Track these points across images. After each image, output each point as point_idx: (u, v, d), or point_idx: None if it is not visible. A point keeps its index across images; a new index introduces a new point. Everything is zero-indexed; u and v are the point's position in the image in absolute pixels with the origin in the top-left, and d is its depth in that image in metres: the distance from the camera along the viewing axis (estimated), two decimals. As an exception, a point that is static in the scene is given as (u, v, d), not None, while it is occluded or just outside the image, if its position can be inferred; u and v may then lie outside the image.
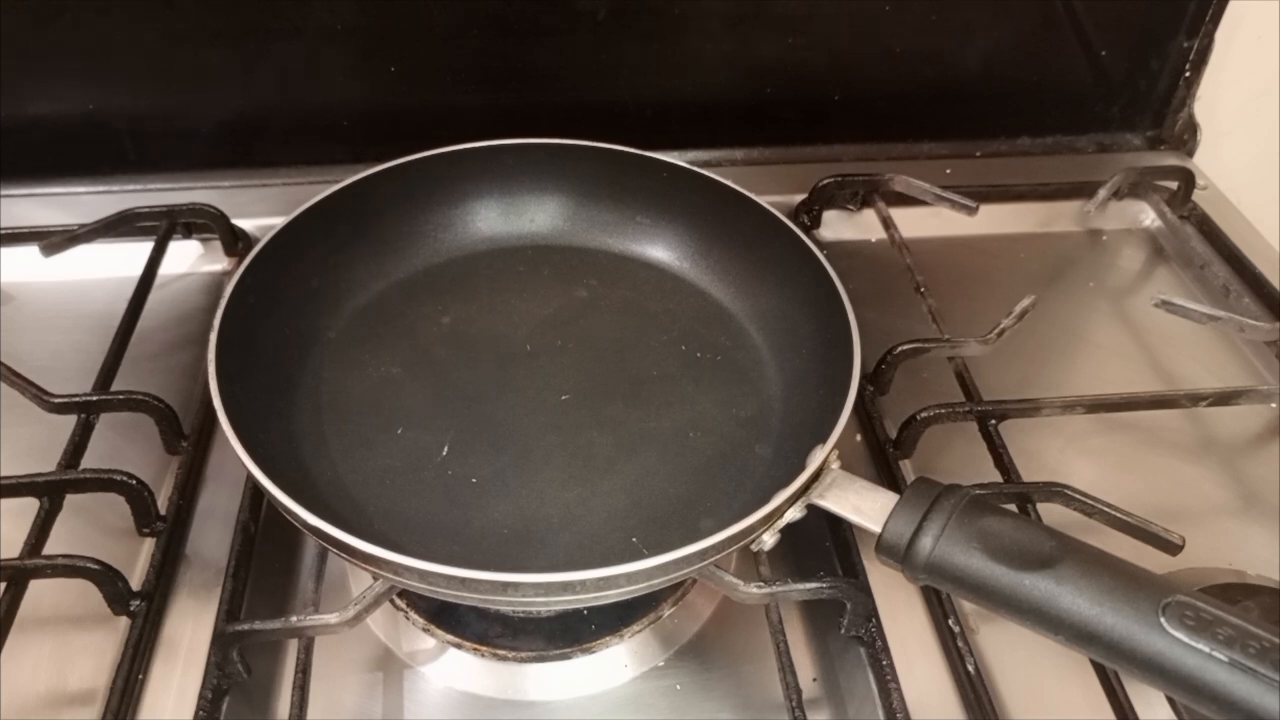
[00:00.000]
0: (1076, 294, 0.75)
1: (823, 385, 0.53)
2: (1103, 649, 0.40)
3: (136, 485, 0.54)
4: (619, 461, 0.54)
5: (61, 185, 0.76)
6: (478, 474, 0.53)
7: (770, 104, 0.81)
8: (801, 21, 0.77)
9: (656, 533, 0.51)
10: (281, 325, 0.57)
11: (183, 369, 0.64)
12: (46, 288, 0.70)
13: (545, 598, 0.45)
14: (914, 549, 0.43)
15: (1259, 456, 0.64)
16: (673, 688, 0.52)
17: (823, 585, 0.50)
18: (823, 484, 0.47)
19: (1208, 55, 0.82)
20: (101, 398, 0.59)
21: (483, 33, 0.74)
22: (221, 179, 0.76)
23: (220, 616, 0.49)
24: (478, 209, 0.66)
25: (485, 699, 0.51)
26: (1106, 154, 0.86)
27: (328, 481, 0.52)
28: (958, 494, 0.44)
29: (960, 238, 0.77)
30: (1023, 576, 0.41)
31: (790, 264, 0.59)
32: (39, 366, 0.59)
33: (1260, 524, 0.60)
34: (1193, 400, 0.62)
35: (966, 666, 0.50)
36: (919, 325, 0.66)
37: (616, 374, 0.59)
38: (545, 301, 0.63)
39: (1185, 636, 0.38)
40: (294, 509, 0.43)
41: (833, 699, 0.51)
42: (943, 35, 0.79)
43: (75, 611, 0.51)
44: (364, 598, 0.47)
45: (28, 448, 0.57)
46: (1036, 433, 0.62)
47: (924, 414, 0.59)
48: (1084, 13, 0.79)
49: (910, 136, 0.84)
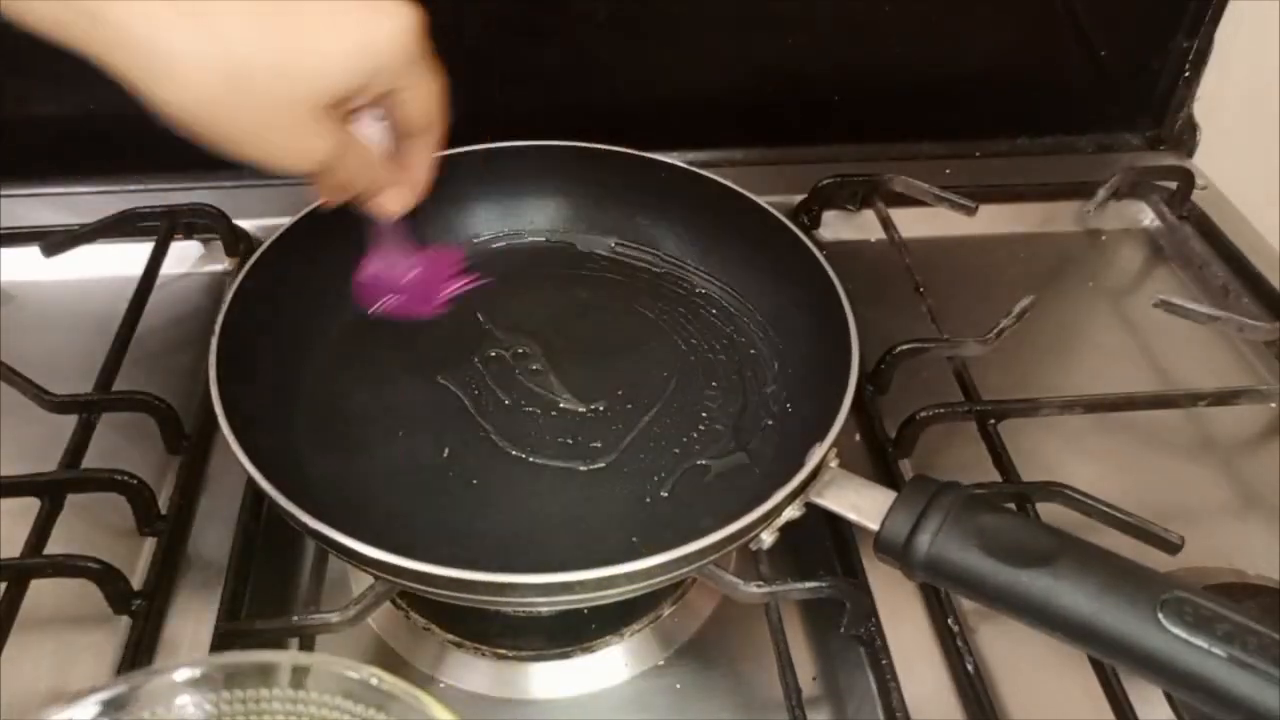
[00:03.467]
0: (1076, 294, 0.76)
1: (822, 384, 0.53)
2: (1101, 645, 0.40)
3: (137, 485, 0.54)
4: (618, 461, 0.54)
5: (62, 185, 0.77)
6: (478, 475, 0.53)
7: (770, 104, 0.81)
8: (801, 21, 0.77)
9: (656, 532, 0.51)
10: (283, 327, 0.57)
11: (184, 369, 0.64)
12: (47, 288, 0.71)
13: (545, 598, 0.45)
14: (912, 546, 0.43)
15: (1259, 456, 0.64)
16: (672, 687, 0.52)
17: (822, 584, 0.50)
18: (821, 482, 0.47)
19: (1208, 55, 0.82)
20: (102, 397, 0.59)
21: (482, 33, 0.74)
22: (223, 179, 0.76)
23: (220, 616, 0.49)
24: (477, 210, 0.66)
25: (485, 698, 0.51)
26: (1106, 154, 0.86)
27: (328, 483, 0.52)
28: (955, 491, 0.44)
29: (960, 238, 0.77)
30: (1021, 573, 0.41)
31: (790, 264, 0.59)
32: (39, 366, 0.59)
33: (1260, 524, 0.60)
34: (1192, 400, 0.62)
35: (966, 665, 0.50)
36: (918, 325, 0.66)
37: (616, 374, 0.59)
38: (545, 302, 0.64)
39: (1183, 632, 0.38)
40: (294, 512, 0.43)
41: (832, 698, 0.51)
42: (943, 35, 0.79)
43: (75, 611, 0.51)
44: (365, 597, 0.47)
45: (28, 448, 0.57)
46: (1036, 432, 0.62)
47: (923, 413, 0.59)
48: (1084, 13, 0.79)
49: (910, 136, 0.84)
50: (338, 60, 0.39)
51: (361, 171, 0.45)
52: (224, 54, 0.36)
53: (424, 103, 0.44)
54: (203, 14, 0.36)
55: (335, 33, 0.39)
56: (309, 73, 0.38)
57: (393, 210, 0.49)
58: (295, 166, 0.41)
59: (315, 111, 0.39)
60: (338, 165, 0.42)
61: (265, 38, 0.37)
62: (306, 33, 0.38)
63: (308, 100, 0.39)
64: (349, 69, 0.39)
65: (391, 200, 0.48)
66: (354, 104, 0.42)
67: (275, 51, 0.37)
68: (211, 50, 0.36)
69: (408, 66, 0.42)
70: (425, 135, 0.46)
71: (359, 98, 0.41)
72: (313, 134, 0.40)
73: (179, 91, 0.37)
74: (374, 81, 0.41)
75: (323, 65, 0.38)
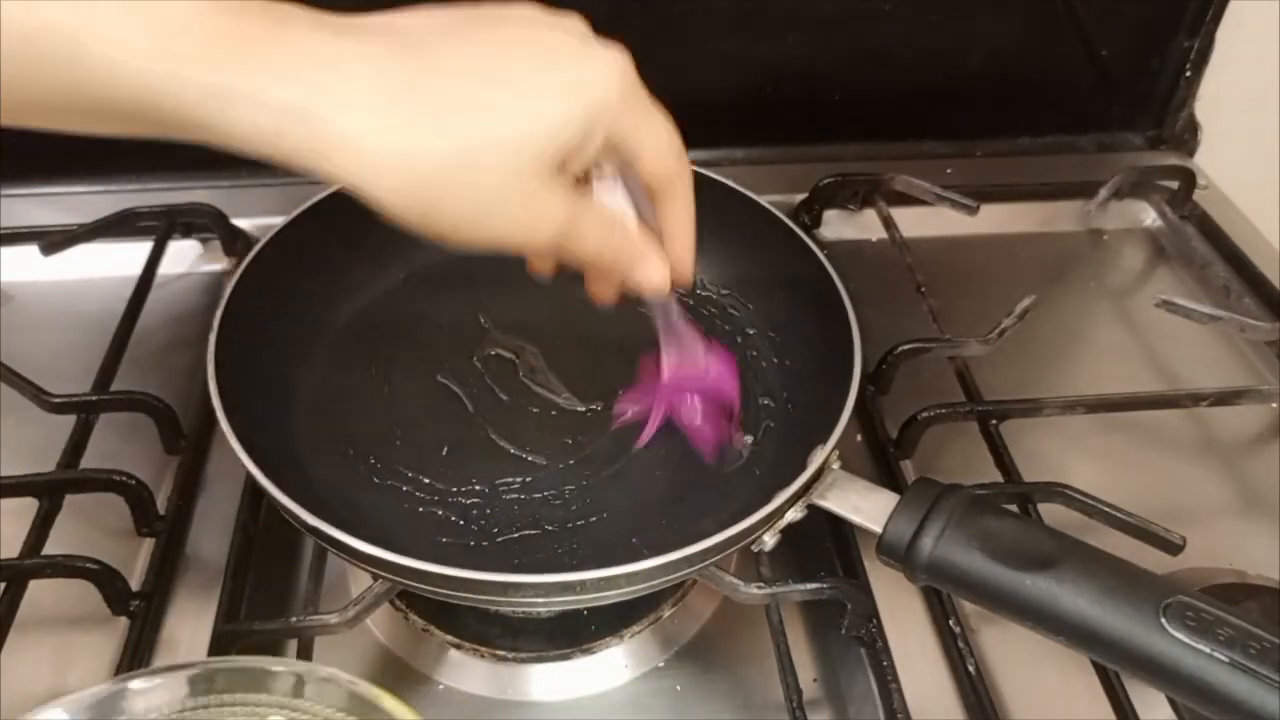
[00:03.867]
0: (1077, 294, 0.75)
1: (823, 385, 0.52)
2: (1103, 649, 0.40)
3: (136, 485, 0.54)
4: (619, 461, 0.54)
5: (61, 185, 0.76)
6: (477, 475, 0.53)
7: (770, 104, 0.81)
8: (802, 21, 0.77)
9: (657, 533, 0.51)
10: (281, 325, 0.57)
11: (182, 369, 0.64)
12: (46, 287, 0.70)
13: (545, 598, 0.45)
14: (915, 549, 0.43)
15: (1259, 456, 0.64)
16: (673, 688, 0.52)
17: (823, 586, 0.50)
18: (823, 484, 0.47)
19: (1208, 55, 0.82)
20: (101, 398, 0.59)
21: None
22: (221, 179, 0.76)
23: (219, 616, 0.49)
24: (477, 209, 0.66)
25: (485, 699, 0.51)
26: (1107, 154, 0.86)
27: (327, 482, 0.52)
28: (958, 494, 0.44)
29: (961, 237, 0.77)
30: (1023, 577, 0.41)
31: (790, 264, 0.59)
32: (39, 366, 0.59)
33: (1260, 524, 0.60)
34: (1193, 400, 0.62)
35: (967, 667, 0.50)
36: (919, 325, 0.66)
37: (616, 374, 0.59)
38: (545, 302, 0.63)
39: (1186, 637, 0.38)
40: (294, 509, 0.43)
41: (833, 699, 0.51)
42: (943, 35, 0.79)
43: (75, 611, 0.51)
44: (364, 598, 0.47)
45: (27, 448, 0.57)
46: (1037, 433, 0.62)
47: (925, 414, 0.59)
48: (1084, 12, 0.79)
49: (911, 136, 0.84)
50: (552, 114, 0.36)
51: (606, 240, 0.40)
52: (435, 141, 0.34)
53: (658, 148, 0.40)
54: (407, 101, 0.34)
55: (544, 87, 0.36)
56: (526, 135, 0.35)
57: (653, 283, 0.43)
58: (532, 241, 0.37)
59: (541, 178, 0.36)
60: (576, 234, 0.38)
61: (476, 113, 0.34)
62: (515, 96, 0.35)
63: (531, 165, 0.35)
64: (566, 119, 0.36)
65: (651, 272, 0.43)
66: (582, 162, 0.38)
67: (488, 124, 0.35)
68: (421, 139, 0.34)
69: (629, 110, 0.38)
70: (672, 190, 0.42)
71: (584, 153, 0.37)
72: (543, 203, 0.37)
73: (397, 186, 0.34)
74: (594, 131, 0.37)
75: (538, 125, 0.35)
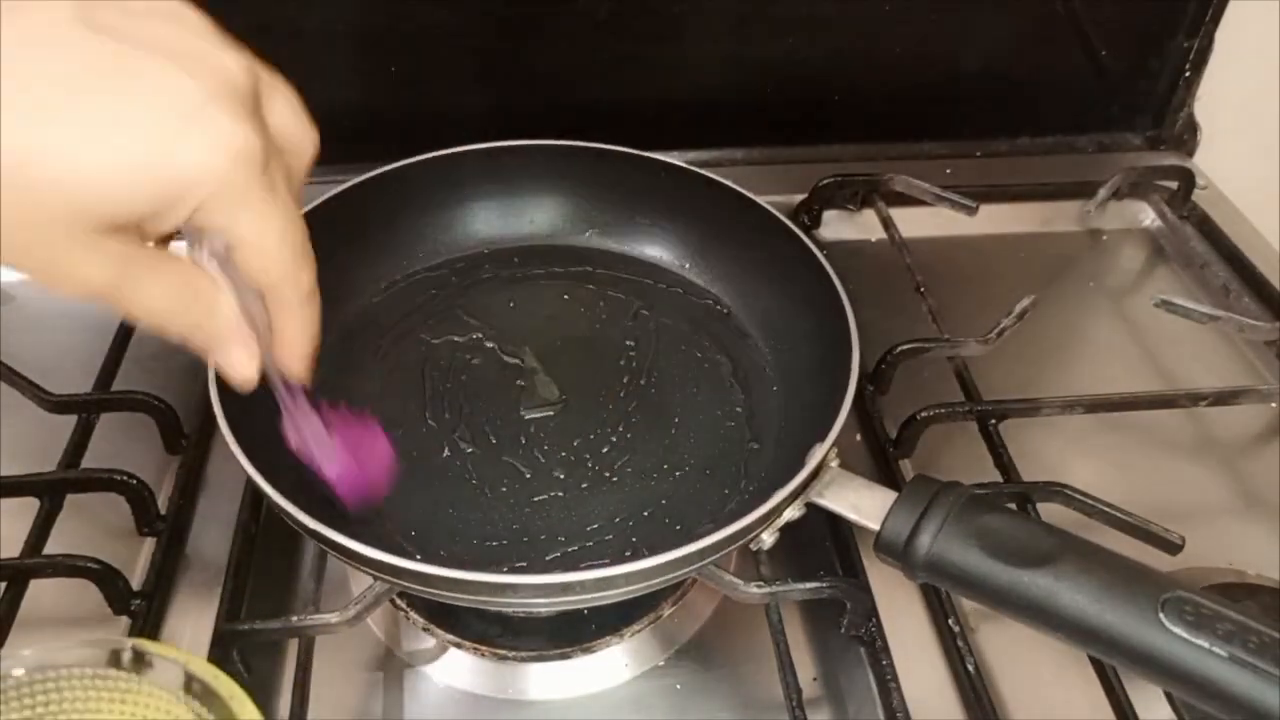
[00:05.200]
0: (1076, 294, 0.76)
1: (822, 384, 0.52)
2: (1102, 645, 0.40)
3: (137, 485, 0.54)
4: (618, 461, 0.54)
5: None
6: (477, 475, 0.53)
7: (770, 104, 0.81)
8: (801, 21, 0.77)
9: (656, 533, 0.51)
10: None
11: (183, 369, 0.64)
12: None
13: (545, 598, 0.45)
14: (913, 546, 0.43)
15: (1259, 456, 0.64)
16: (672, 687, 0.52)
17: (823, 585, 0.50)
18: (821, 482, 0.47)
19: (1208, 55, 0.82)
20: (101, 397, 0.59)
21: (483, 33, 0.74)
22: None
23: (220, 616, 0.49)
24: (477, 210, 0.66)
25: (485, 699, 0.51)
26: (1106, 154, 0.86)
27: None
28: (956, 491, 0.44)
29: (960, 238, 0.77)
30: (1021, 573, 0.41)
31: (790, 264, 0.59)
32: (39, 366, 0.59)
33: (1260, 524, 0.60)
34: (1193, 400, 0.62)
35: (966, 665, 0.50)
36: (919, 325, 0.66)
37: (616, 374, 0.59)
38: (544, 302, 0.63)
39: (1184, 632, 0.38)
40: (293, 512, 0.43)
41: (833, 698, 0.51)
42: (943, 35, 0.79)
43: (75, 611, 0.51)
44: (364, 597, 0.47)
45: (28, 447, 0.57)
46: (1036, 432, 0.62)
47: (924, 414, 0.59)
48: (1084, 13, 0.79)
49: (910, 136, 0.84)
50: (110, 178, 0.30)
51: (172, 312, 0.34)
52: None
53: (262, 247, 0.34)
54: None
55: (123, 141, 0.30)
56: (83, 186, 0.30)
57: (237, 373, 0.37)
58: (65, 291, 0.32)
59: (75, 235, 0.30)
60: (130, 297, 0.33)
61: (43, 132, 0.29)
62: (91, 135, 0.29)
63: (65, 218, 0.30)
64: (131, 190, 0.30)
65: (233, 361, 0.37)
66: (159, 231, 0.32)
67: (49, 152, 0.29)
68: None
69: (233, 200, 0.32)
70: (278, 294, 0.35)
71: (159, 225, 0.32)
72: (82, 260, 0.31)
73: None
74: (169, 211, 0.31)
75: (98, 180, 0.30)
